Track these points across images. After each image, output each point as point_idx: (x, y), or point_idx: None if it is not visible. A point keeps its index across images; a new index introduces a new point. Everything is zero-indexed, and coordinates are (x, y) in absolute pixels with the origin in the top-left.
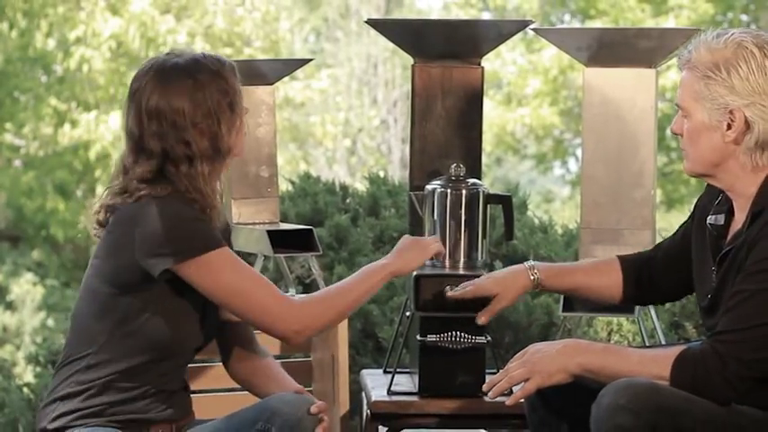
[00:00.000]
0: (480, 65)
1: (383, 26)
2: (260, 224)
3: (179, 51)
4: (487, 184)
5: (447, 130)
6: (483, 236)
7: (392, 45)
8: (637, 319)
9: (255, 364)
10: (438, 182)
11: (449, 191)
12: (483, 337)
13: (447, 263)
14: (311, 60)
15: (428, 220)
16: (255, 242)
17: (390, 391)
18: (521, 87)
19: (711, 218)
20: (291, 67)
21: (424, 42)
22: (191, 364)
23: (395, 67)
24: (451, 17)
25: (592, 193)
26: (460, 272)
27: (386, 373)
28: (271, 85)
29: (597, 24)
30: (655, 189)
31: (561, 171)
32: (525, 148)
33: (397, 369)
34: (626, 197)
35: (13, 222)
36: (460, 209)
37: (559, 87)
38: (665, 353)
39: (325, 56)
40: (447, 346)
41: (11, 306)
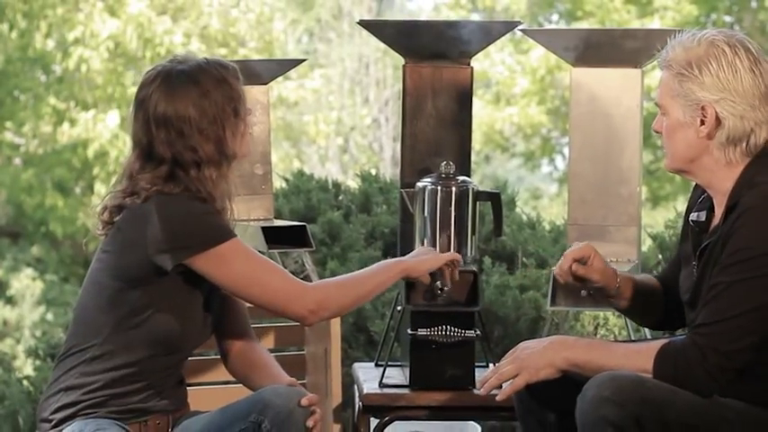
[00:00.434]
0: (470, 65)
1: (375, 27)
2: (254, 220)
3: (182, 58)
4: (477, 181)
5: (437, 128)
6: (472, 232)
7: (383, 46)
8: (622, 314)
9: (253, 359)
10: (428, 179)
11: (439, 188)
12: (472, 332)
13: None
14: (304, 60)
15: (419, 217)
16: (250, 238)
17: (382, 384)
18: (509, 87)
19: (694, 215)
20: (285, 67)
21: (415, 43)
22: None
23: (386, 67)
24: (441, 18)
25: (579, 190)
26: None
27: (377, 366)
28: (265, 84)
29: (584, 25)
30: (640, 186)
31: (549, 169)
32: (514, 147)
33: (389, 362)
34: (612, 194)
35: (13, 219)
36: (450, 206)
37: (547, 87)
38: (647, 346)
39: (318, 56)
40: (437, 339)
41: (11, 300)
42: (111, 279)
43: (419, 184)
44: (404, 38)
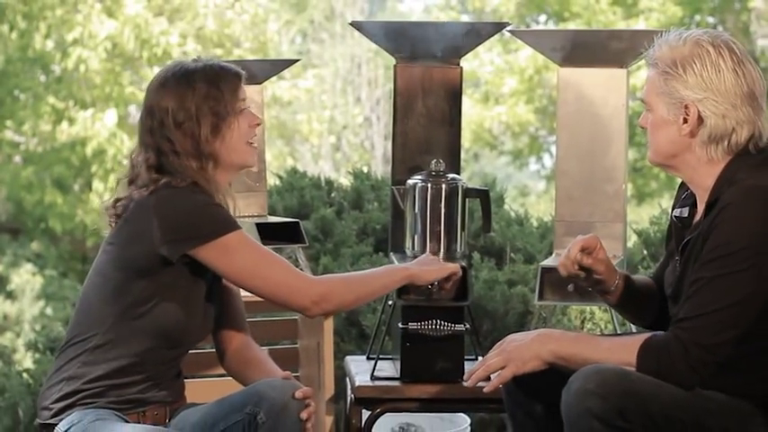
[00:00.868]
0: (459, 65)
1: (366, 28)
2: (249, 217)
3: (201, 59)
4: (466, 178)
5: (427, 127)
6: (462, 228)
7: (375, 46)
8: (609, 308)
9: (248, 357)
10: (419, 177)
11: (429, 185)
12: (462, 325)
13: (426, 254)
14: (298, 61)
15: (409, 214)
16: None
17: (373, 377)
18: (498, 86)
19: (677, 211)
20: (279, 67)
21: (406, 43)
22: None
23: (377, 67)
24: (432, 19)
25: (566, 187)
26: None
27: (369, 359)
28: (259, 84)
29: (571, 26)
30: (626, 183)
31: (536, 166)
32: (502, 145)
33: (380, 355)
34: (598, 191)
35: (14, 215)
36: (440, 202)
37: (535, 86)
38: (631, 340)
39: (311, 56)
40: (428, 333)
41: (11, 295)
42: (116, 270)
43: (410, 182)
44: (395, 39)
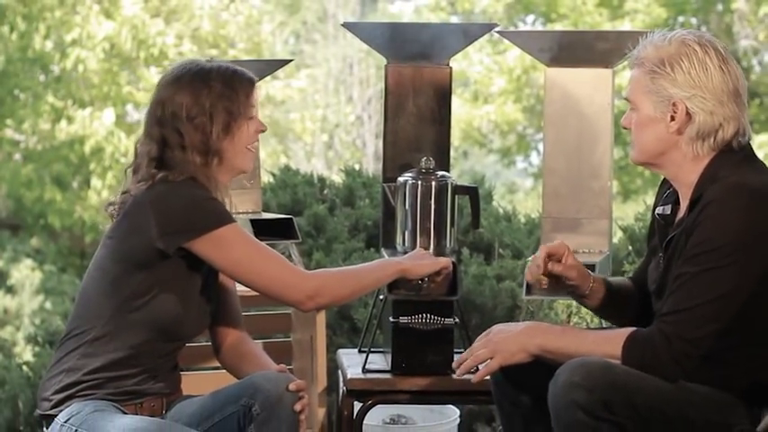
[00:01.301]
0: (449, 65)
1: (358, 29)
2: (243, 213)
3: (216, 60)
4: (455, 176)
5: (418, 125)
6: (451, 224)
7: (366, 47)
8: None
9: (243, 352)
10: (409, 174)
11: (419, 182)
12: (451, 319)
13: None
14: (291, 61)
15: (400, 210)
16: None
17: (365, 369)
18: (486, 86)
19: (660, 209)
20: (273, 67)
21: (397, 44)
22: None
23: (369, 67)
24: (422, 20)
25: (553, 184)
26: None
27: (361, 352)
28: None
29: (558, 27)
30: (611, 181)
31: (524, 164)
32: (491, 143)
33: (372, 348)
34: (585, 188)
35: (14, 212)
36: (430, 199)
37: (523, 86)
38: (616, 334)
39: (304, 57)
40: (418, 327)
41: (11, 290)
42: (115, 263)
43: (400, 179)
44: (386, 39)
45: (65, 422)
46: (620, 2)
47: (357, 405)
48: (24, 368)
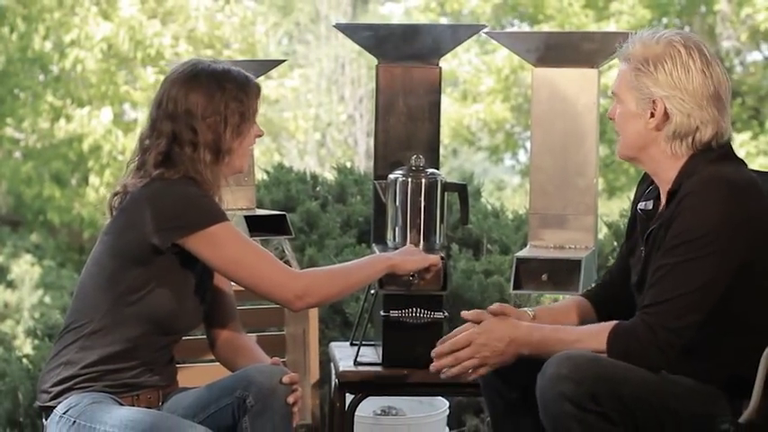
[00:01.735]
0: (438, 65)
1: (350, 30)
2: (238, 210)
3: (216, 61)
4: (445, 173)
5: (408, 124)
6: (440, 221)
7: (358, 47)
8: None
9: (238, 346)
10: (400, 171)
11: (409, 180)
12: (441, 313)
13: (408, 245)
14: (284, 61)
15: (391, 207)
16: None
17: (356, 362)
18: (475, 85)
19: (642, 204)
20: (266, 67)
21: (387, 45)
22: None
23: (360, 67)
24: (412, 22)
25: (539, 181)
26: None
27: (352, 345)
28: None
29: (545, 28)
30: (597, 178)
31: (512, 162)
32: (479, 141)
33: (363, 342)
34: (571, 185)
35: (14, 208)
36: (420, 196)
37: (510, 85)
38: (598, 329)
39: (297, 57)
40: (408, 320)
41: (11, 284)
42: (111, 259)
43: (391, 176)
44: (377, 40)
45: (63, 413)
46: (605, 3)
47: (349, 397)
48: (24, 361)
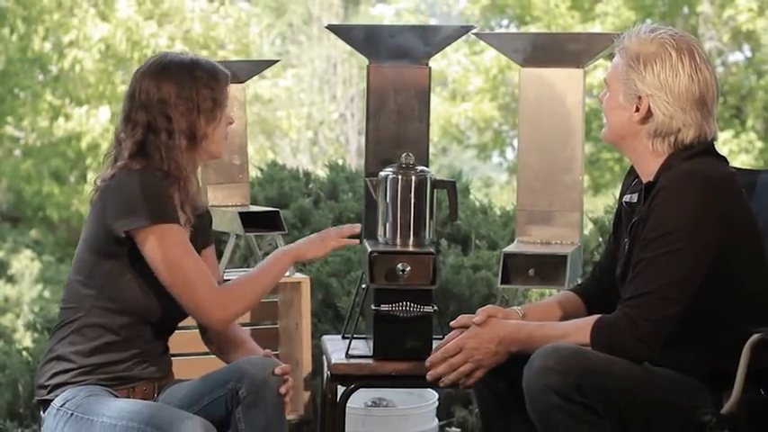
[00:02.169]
0: (428, 65)
1: (342, 31)
2: (232, 206)
3: (184, 53)
4: (434, 170)
5: (398, 123)
6: (430, 217)
7: (349, 48)
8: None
9: (230, 336)
10: (390, 169)
11: (400, 177)
12: (430, 307)
13: (398, 241)
14: (278, 61)
15: (381, 203)
16: (228, 222)
17: (348, 355)
18: (464, 85)
19: (627, 197)
20: (260, 67)
21: (378, 45)
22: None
23: (352, 67)
24: (402, 23)
25: (527, 178)
26: (410, 249)
27: (344, 338)
28: (242, 83)
29: (532, 29)
30: (583, 175)
31: (499, 159)
32: (468, 139)
33: (354, 335)
34: (557, 182)
35: (14, 205)
36: (410, 193)
37: (498, 85)
38: (582, 323)
39: (290, 57)
40: (398, 314)
41: (11, 279)
42: (88, 253)
43: (382, 174)
44: (368, 41)
45: (60, 407)
46: (591, 5)
47: (340, 389)
48: (24, 354)
